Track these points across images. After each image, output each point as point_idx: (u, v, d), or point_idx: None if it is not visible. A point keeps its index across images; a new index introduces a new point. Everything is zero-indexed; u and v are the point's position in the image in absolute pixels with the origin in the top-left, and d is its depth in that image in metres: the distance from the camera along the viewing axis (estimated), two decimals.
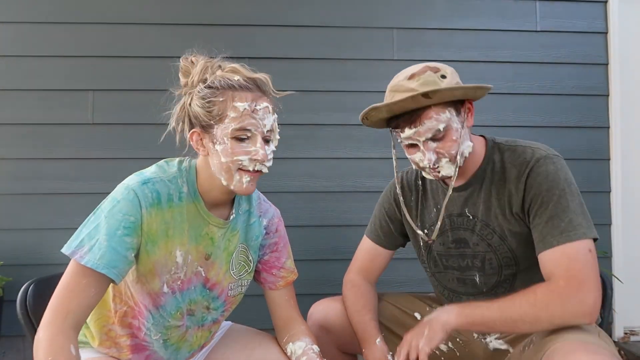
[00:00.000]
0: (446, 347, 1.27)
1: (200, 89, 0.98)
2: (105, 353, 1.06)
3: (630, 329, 2.43)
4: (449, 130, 1.07)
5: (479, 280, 1.22)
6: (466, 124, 1.12)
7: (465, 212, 1.20)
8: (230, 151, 0.95)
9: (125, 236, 0.91)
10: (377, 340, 1.19)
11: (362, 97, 2.31)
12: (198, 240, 1.03)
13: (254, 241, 1.15)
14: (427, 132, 1.07)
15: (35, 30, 2.24)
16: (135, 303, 1.02)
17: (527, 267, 1.16)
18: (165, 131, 1.04)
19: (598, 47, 2.44)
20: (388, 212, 1.34)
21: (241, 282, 1.14)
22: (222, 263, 1.09)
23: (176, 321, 1.05)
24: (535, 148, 1.13)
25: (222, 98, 0.96)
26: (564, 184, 1.05)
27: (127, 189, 0.94)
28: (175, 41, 2.26)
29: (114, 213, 0.91)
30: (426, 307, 1.34)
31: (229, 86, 0.96)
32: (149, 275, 0.98)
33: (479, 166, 1.17)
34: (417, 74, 1.08)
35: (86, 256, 0.88)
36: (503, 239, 1.15)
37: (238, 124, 0.95)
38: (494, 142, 1.20)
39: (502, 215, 1.14)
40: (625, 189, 2.41)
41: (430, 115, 1.06)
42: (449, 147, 1.08)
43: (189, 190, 1.02)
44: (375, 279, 1.37)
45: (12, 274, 2.08)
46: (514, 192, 1.11)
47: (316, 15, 2.35)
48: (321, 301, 1.37)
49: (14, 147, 2.20)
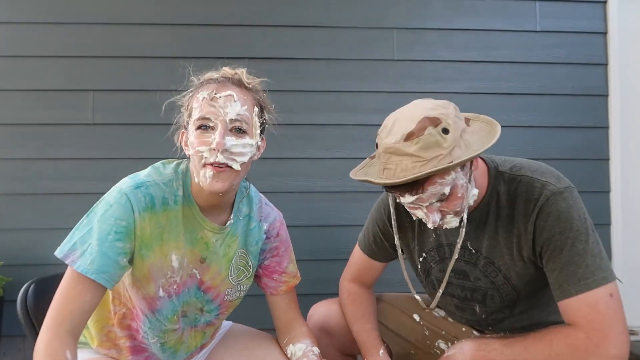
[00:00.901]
0: (446, 347, 1.27)
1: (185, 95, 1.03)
2: (104, 354, 1.06)
3: (630, 329, 2.42)
4: (455, 190, 0.95)
5: (478, 310, 1.18)
6: (472, 173, 1.00)
7: (467, 245, 1.11)
8: (194, 141, 0.94)
9: (117, 241, 0.90)
10: (380, 351, 1.16)
11: (362, 97, 2.31)
12: (193, 243, 1.02)
13: (254, 246, 1.13)
14: (430, 197, 0.94)
15: (35, 30, 2.24)
16: (133, 306, 1.01)
17: (529, 295, 1.11)
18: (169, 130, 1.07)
19: (598, 47, 2.44)
20: (382, 230, 1.25)
21: (240, 287, 1.13)
22: (222, 269, 1.07)
23: (172, 325, 1.04)
24: (544, 181, 1.00)
25: (191, 93, 1.00)
26: (578, 224, 0.95)
27: (119, 192, 0.93)
28: (175, 41, 2.25)
29: (106, 217, 0.91)
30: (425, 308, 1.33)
31: (200, 83, 1.00)
32: (144, 280, 0.98)
33: (482, 198, 1.05)
34: (416, 133, 0.90)
35: (78, 261, 0.88)
36: (507, 279, 1.08)
37: (198, 113, 0.95)
38: (496, 170, 1.07)
39: (509, 255, 1.06)
40: (624, 189, 2.41)
41: (434, 181, 0.92)
42: (454, 206, 0.97)
43: (184, 194, 1.00)
44: (371, 284, 1.34)
45: (12, 274, 2.08)
46: (523, 233, 1.02)
47: (316, 15, 2.35)
48: (321, 302, 1.37)
49: (14, 147, 2.20)
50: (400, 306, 1.35)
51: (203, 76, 1.02)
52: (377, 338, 1.20)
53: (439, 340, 1.28)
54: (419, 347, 1.30)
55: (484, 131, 1.01)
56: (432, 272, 1.21)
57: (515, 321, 1.17)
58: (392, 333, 1.31)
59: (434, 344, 1.28)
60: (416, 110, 0.95)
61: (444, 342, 1.27)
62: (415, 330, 1.31)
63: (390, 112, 1.03)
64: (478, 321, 1.22)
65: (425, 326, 1.31)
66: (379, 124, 1.03)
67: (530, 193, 1.01)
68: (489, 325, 1.21)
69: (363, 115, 2.30)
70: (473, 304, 1.18)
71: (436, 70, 2.36)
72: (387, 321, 1.32)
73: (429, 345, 1.29)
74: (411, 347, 1.30)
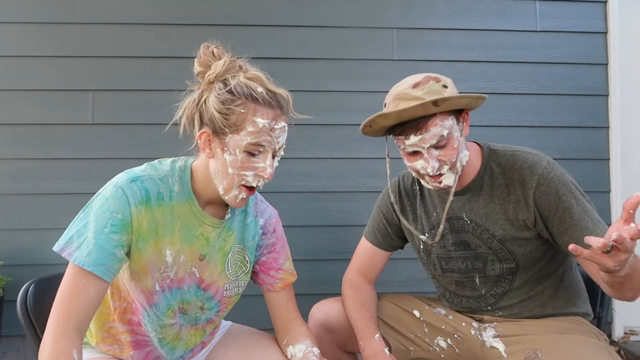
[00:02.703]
0: (446, 344, 1.28)
1: (220, 91, 0.94)
2: (106, 351, 1.06)
3: (630, 329, 2.43)
4: (451, 138, 1.10)
5: (478, 281, 1.23)
6: (463, 133, 1.15)
7: (463, 217, 1.22)
8: (239, 164, 0.95)
9: (113, 233, 0.91)
10: (376, 335, 1.20)
11: (362, 97, 2.31)
12: (192, 240, 1.02)
13: (251, 241, 1.14)
14: (432, 138, 1.08)
15: (35, 30, 2.24)
16: (132, 300, 1.02)
17: (527, 266, 1.18)
18: (171, 122, 1.01)
19: (598, 47, 2.44)
20: (386, 215, 1.35)
21: (238, 282, 1.13)
22: (217, 263, 1.08)
23: (169, 319, 1.05)
24: (535, 154, 1.16)
25: (243, 109, 0.93)
26: (573, 187, 1.11)
27: (115, 186, 0.94)
28: (175, 41, 2.26)
29: (102, 211, 0.91)
30: (425, 306, 1.36)
31: (252, 98, 0.93)
32: (141, 273, 0.98)
33: (476, 173, 1.19)
34: (421, 83, 1.10)
35: (74, 253, 0.89)
36: (503, 243, 1.17)
37: (254, 139, 0.93)
38: (489, 148, 1.22)
39: (505, 220, 1.16)
40: (625, 189, 2.41)
41: (436, 122, 1.08)
42: (451, 155, 1.10)
43: (183, 190, 1.01)
44: (374, 278, 1.38)
45: (12, 274, 2.08)
46: (521, 198, 1.13)
47: (316, 15, 2.35)
48: (323, 301, 1.38)
49: (14, 147, 2.20)
50: (400, 303, 1.37)
51: (246, 77, 0.95)
52: (375, 325, 1.24)
53: (438, 337, 1.30)
54: (418, 344, 1.31)
55: None
56: (433, 251, 1.28)
57: (513, 297, 1.21)
58: (392, 329, 1.33)
59: (433, 341, 1.30)
60: (418, 75, 1.15)
61: (443, 339, 1.29)
62: (415, 326, 1.32)
63: None
64: (478, 298, 1.25)
65: (425, 322, 1.32)
66: None
67: (524, 162, 1.14)
68: (489, 305, 1.25)
69: (363, 115, 2.27)
70: (473, 275, 1.23)
71: (436, 70, 2.30)
72: (387, 317, 1.34)
73: (428, 342, 1.31)
74: (410, 344, 1.32)
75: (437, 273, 1.30)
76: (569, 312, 1.20)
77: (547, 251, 1.18)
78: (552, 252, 1.18)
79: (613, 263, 0.84)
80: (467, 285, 1.25)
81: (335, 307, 1.33)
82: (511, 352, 1.16)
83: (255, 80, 0.96)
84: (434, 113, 1.08)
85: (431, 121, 1.08)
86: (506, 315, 1.24)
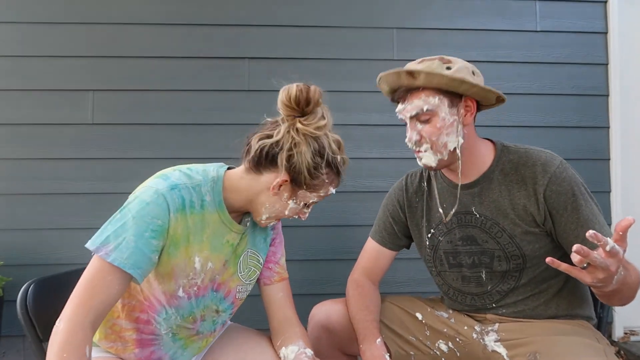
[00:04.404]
0: (447, 348, 1.27)
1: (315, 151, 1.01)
2: (108, 348, 1.06)
3: (630, 329, 2.43)
4: (434, 117, 1.13)
5: (485, 277, 1.23)
6: (462, 120, 1.15)
7: (472, 211, 1.22)
8: (297, 211, 1.06)
9: (152, 239, 0.92)
10: (378, 340, 1.19)
11: (362, 97, 2.31)
12: (220, 248, 1.05)
13: (263, 243, 1.17)
14: (412, 109, 1.14)
15: (35, 30, 2.24)
16: (146, 297, 1.02)
17: (535, 264, 1.18)
18: (244, 139, 1.07)
19: (598, 47, 2.44)
20: (392, 214, 1.37)
21: (250, 285, 1.16)
22: (230, 264, 1.10)
23: (188, 324, 1.06)
24: (548, 152, 1.17)
25: (327, 179, 1.04)
26: (582, 188, 1.13)
27: (156, 192, 0.94)
28: (175, 41, 2.26)
29: (143, 215, 0.92)
30: (427, 308, 1.35)
31: (336, 170, 1.05)
32: (166, 277, 1.00)
33: (488, 167, 1.20)
34: (427, 60, 1.14)
35: (112, 254, 0.89)
36: (512, 238, 1.17)
37: (319, 199, 1.06)
38: (502, 145, 1.23)
39: (514, 215, 1.16)
40: (625, 189, 2.41)
41: (419, 95, 1.13)
42: (431, 133, 1.13)
43: (214, 200, 1.03)
44: (378, 279, 1.39)
45: (12, 274, 2.08)
46: (532, 194, 1.14)
47: (316, 15, 2.35)
48: (323, 302, 1.38)
49: (14, 147, 2.21)
50: (402, 305, 1.36)
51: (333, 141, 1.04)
52: (377, 329, 1.23)
53: (439, 341, 1.28)
54: (419, 347, 1.30)
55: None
56: (440, 246, 1.28)
57: (518, 294, 1.21)
58: (393, 333, 1.31)
59: (434, 345, 1.29)
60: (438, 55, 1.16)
61: (444, 343, 1.28)
62: (417, 329, 1.31)
63: (391, 112, 1.10)
64: (482, 295, 1.25)
65: (427, 325, 1.31)
66: (379, 124, 1.06)
67: (537, 159, 1.15)
68: (493, 302, 1.24)
69: (363, 115, 2.30)
70: (479, 270, 1.23)
71: None
72: (389, 320, 1.32)
73: (429, 346, 1.29)
74: (411, 348, 1.30)
75: (443, 269, 1.30)
76: (573, 314, 1.20)
77: (555, 250, 1.17)
78: (560, 252, 1.17)
79: (591, 279, 0.85)
80: (473, 281, 1.25)
81: (336, 309, 1.33)
82: (513, 355, 1.15)
83: (339, 149, 1.06)
84: (418, 87, 1.12)
85: (415, 93, 1.13)
86: (509, 314, 1.23)
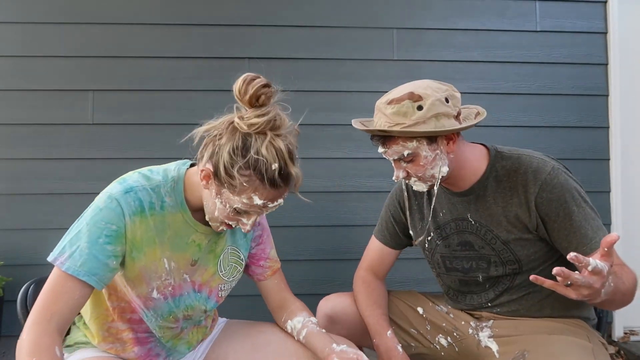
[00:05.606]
0: (446, 342, 1.31)
1: (236, 150, 0.89)
2: (107, 349, 1.07)
3: (630, 329, 2.43)
4: (417, 157, 1.12)
5: (482, 279, 1.25)
6: (445, 149, 1.13)
7: (467, 217, 1.23)
8: (225, 214, 0.96)
9: (107, 244, 0.92)
10: (388, 332, 1.25)
11: (362, 97, 2.31)
12: (184, 248, 1.04)
13: (243, 239, 1.16)
14: (393, 154, 1.14)
15: (36, 30, 2.24)
16: (130, 300, 1.03)
17: (530, 268, 1.18)
18: (194, 132, 0.95)
19: (598, 47, 2.44)
20: (393, 214, 1.38)
21: (233, 282, 1.16)
22: (208, 265, 1.09)
23: (169, 323, 1.06)
24: (540, 158, 1.16)
25: (246, 183, 0.90)
26: (576, 193, 1.10)
27: (110, 197, 0.94)
28: (176, 41, 2.26)
29: (96, 221, 0.92)
30: (429, 303, 1.39)
31: (259, 175, 0.89)
32: (135, 281, 1.00)
33: (482, 174, 1.20)
34: (396, 101, 1.09)
35: (67, 262, 0.89)
36: (506, 244, 1.18)
37: (244, 208, 0.94)
38: (496, 150, 1.22)
39: (507, 222, 1.17)
40: (625, 189, 2.41)
41: (397, 142, 1.12)
42: (416, 171, 1.14)
43: (176, 201, 1.01)
44: (384, 275, 1.43)
45: (12, 274, 2.08)
46: (523, 201, 1.14)
47: (316, 15, 2.35)
48: (329, 296, 1.42)
49: (14, 147, 2.21)
50: (405, 299, 1.40)
51: (269, 145, 0.89)
52: (386, 322, 1.28)
53: (439, 335, 1.32)
54: (420, 340, 1.35)
55: (464, 122, 1.16)
56: (437, 250, 1.31)
57: (512, 294, 1.23)
58: (395, 325, 1.35)
59: (434, 339, 1.33)
60: (413, 85, 1.12)
61: (444, 337, 1.32)
62: (418, 322, 1.36)
63: None
64: (480, 294, 1.28)
65: (427, 319, 1.35)
66: None
67: (528, 166, 1.14)
68: (489, 301, 1.26)
69: (363, 115, 2.26)
70: (477, 275, 1.25)
71: (436, 70, 2.36)
72: (392, 313, 1.36)
73: (429, 339, 1.34)
74: (412, 340, 1.35)
75: (441, 271, 1.33)
76: (569, 314, 1.20)
77: (551, 253, 1.18)
78: (557, 254, 1.18)
79: (576, 296, 0.85)
80: (471, 283, 1.28)
81: (341, 300, 1.38)
82: (503, 352, 1.18)
83: (275, 154, 0.90)
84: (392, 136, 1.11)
85: (392, 141, 1.12)
86: (504, 313, 1.25)
